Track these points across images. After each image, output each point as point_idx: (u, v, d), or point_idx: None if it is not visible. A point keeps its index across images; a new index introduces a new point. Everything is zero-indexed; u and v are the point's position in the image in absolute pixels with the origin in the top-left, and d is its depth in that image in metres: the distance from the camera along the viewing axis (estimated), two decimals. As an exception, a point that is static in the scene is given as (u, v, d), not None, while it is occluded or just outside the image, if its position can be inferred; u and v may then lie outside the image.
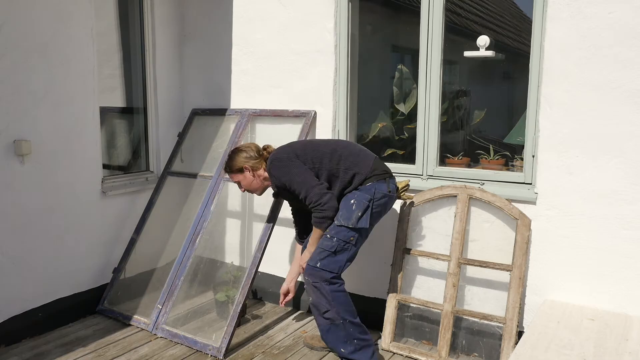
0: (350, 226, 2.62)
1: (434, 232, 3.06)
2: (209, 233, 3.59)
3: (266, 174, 2.89)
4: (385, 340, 3.01)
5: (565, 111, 2.62)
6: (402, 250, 3.06)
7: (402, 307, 3.14)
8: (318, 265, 2.62)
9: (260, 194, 3.05)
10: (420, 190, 3.05)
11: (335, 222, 2.65)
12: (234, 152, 2.97)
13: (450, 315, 2.85)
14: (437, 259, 2.97)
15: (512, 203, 2.78)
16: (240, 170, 2.93)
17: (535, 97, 2.73)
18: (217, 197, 3.43)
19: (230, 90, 3.80)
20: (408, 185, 2.96)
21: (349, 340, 2.65)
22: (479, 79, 3.98)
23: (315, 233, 2.70)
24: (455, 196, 2.93)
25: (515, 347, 2.34)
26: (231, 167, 2.96)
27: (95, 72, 3.38)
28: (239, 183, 2.99)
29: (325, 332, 2.69)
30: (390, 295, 3.06)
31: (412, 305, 3.13)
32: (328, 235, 2.64)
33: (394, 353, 2.97)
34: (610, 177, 2.53)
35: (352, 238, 2.64)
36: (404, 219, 3.07)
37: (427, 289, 3.11)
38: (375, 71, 4.19)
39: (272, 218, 3.24)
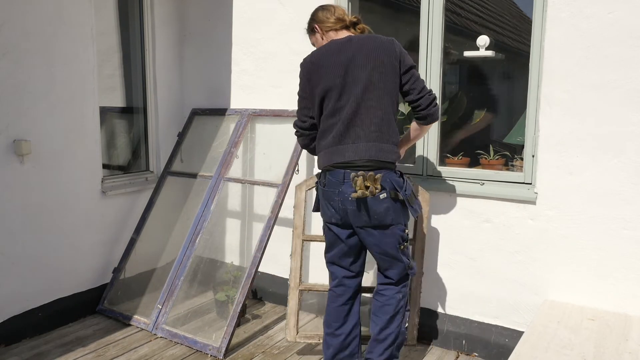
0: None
1: None
2: (209, 233, 3.59)
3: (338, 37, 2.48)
4: (291, 333, 2.96)
5: (565, 111, 2.62)
6: (300, 238, 2.94)
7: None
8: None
9: None
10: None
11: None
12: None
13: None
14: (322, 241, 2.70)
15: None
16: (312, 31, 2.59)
17: (535, 97, 2.73)
18: (217, 197, 3.44)
19: (230, 90, 3.80)
20: None
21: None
22: (479, 79, 3.97)
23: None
24: None
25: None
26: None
27: (95, 72, 3.38)
28: None
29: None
30: (291, 286, 2.96)
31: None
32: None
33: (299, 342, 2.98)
34: (611, 177, 2.53)
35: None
36: (300, 205, 2.98)
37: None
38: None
39: (272, 218, 3.24)
